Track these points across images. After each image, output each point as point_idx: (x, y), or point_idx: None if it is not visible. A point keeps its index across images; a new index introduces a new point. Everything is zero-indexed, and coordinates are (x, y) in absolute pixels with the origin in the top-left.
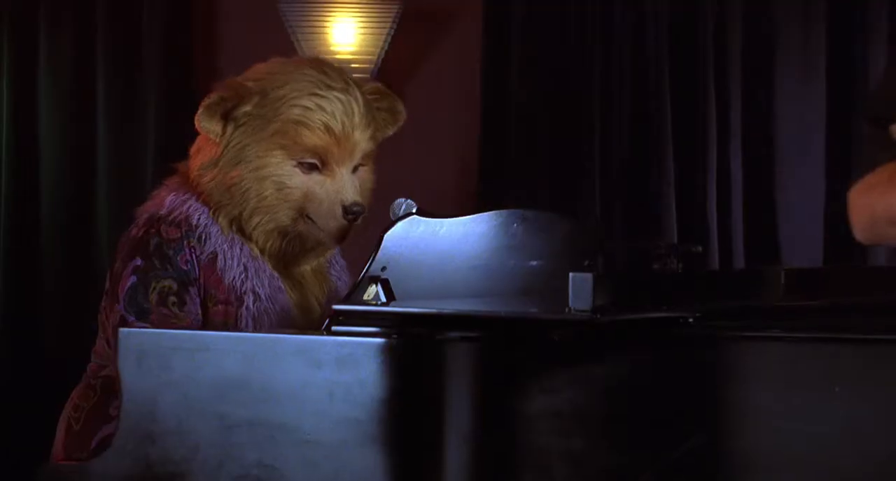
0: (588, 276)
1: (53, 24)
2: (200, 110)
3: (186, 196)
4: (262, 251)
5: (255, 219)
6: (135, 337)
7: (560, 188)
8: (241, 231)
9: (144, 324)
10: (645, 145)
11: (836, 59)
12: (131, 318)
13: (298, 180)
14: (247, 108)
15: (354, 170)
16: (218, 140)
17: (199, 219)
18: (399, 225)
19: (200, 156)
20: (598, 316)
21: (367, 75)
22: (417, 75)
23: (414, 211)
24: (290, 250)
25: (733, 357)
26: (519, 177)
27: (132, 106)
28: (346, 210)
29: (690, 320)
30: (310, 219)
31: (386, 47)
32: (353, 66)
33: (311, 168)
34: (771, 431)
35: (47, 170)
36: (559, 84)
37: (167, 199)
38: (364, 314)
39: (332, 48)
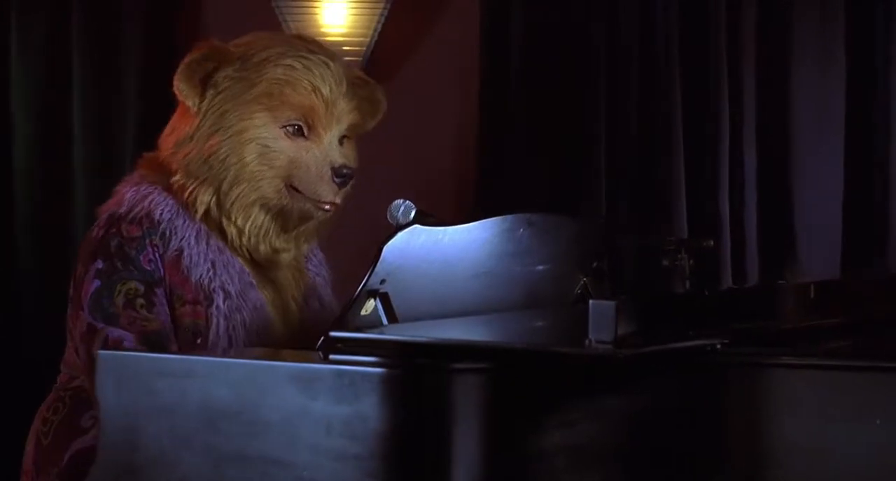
0: (610, 305)
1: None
2: (179, 69)
3: (148, 189)
4: (240, 233)
5: (236, 191)
6: (113, 360)
7: (563, 179)
8: (220, 211)
9: (115, 329)
10: (653, 134)
11: (857, 45)
12: (100, 325)
13: (283, 144)
14: (227, 71)
15: (340, 141)
16: (195, 109)
17: (161, 213)
18: (399, 236)
19: (174, 135)
20: (621, 350)
21: (360, 59)
22: (413, 58)
23: (413, 214)
24: (272, 228)
25: (764, 386)
26: (520, 166)
27: (109, 92)
28: (336, 172)
29: (718, 346)
30: (295, 189)
31: (379, 29)
32: (344, 48)
33: (297, 134)
34: (805, 466)
35: (20, 160)
36: (563, 69)
37: (126, 195)
38: (364, 342)
39: (321, 30)
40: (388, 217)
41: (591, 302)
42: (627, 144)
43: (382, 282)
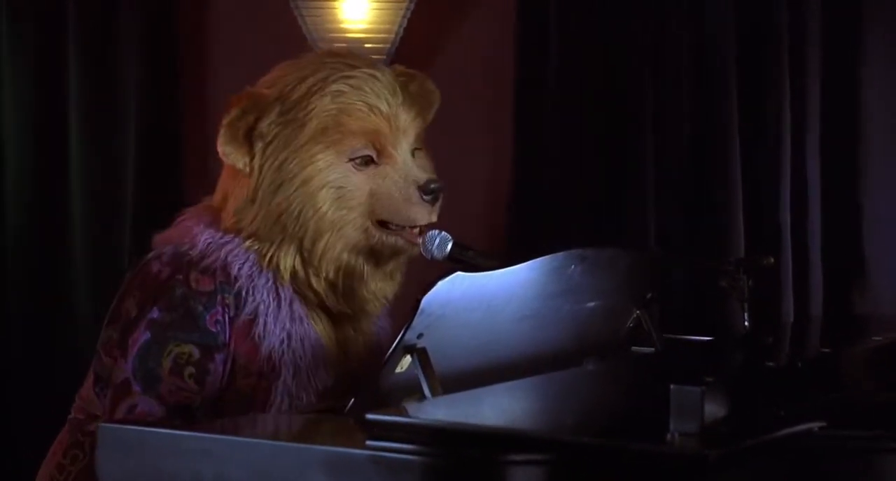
0: (695, 391)
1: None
2: (221, 131)
3: (225, 239)
4: (333, 287)
5: (321, 244)
6: (117, 434)
7: (607, 192)
8: (306, 269)
9: (148, 399)
10: (707, 141)
11: None
12: (136, 387)
13: (356, 180)
14: (271, 118)
15: (412, 154)
16: (247, 169)
17: (239, 269)
18: (440, 286)
19: (232, 201)
20: (711, 451)
21: (383, 57)
22: (441, 57)
23: (449, 248)
24: (366, 270)
25: (877, 475)
26: (559, 176)
27: (109, 99)
28: (423, 189)
29: (815, 429)
30: (383, 224)
31: (404, 24)
32: (366, 46)
33: (367, 163)
34: None
35: (12, 172)
36: (607, 70)
37: (201, 237)
38: (405, 427)
39: (341, 25)
40: (422, 250)
41: (672, 387)
42: (678, 152)
43: (420, 336)
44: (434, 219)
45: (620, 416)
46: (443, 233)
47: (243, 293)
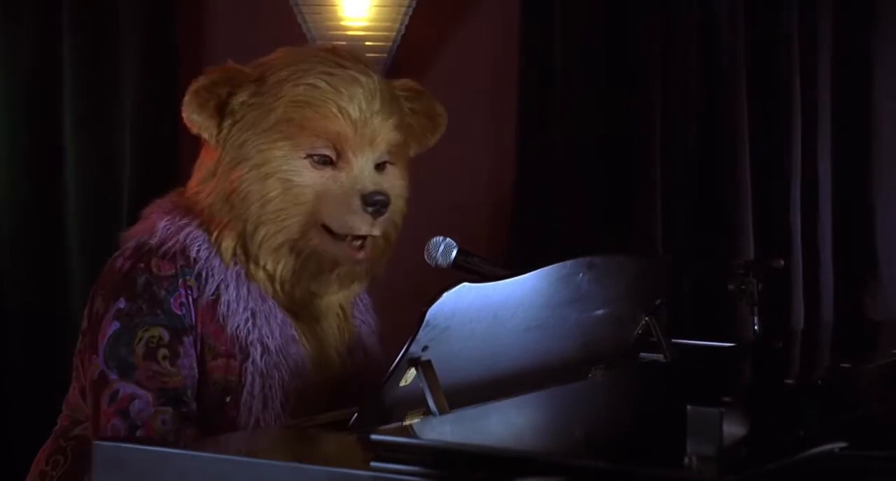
0: (713, 413)
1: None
2: (187, 98)
3: (183, 221)
4: (272, 280)
5: (261, 232)
6: (110, 451)
7: (614, 194)
8: (246, 255)
9: (128, 384)
10: (716, 142)
11: None
12: (112, 376)
13: (309, 177)
14: (243, 96)
15: (381, 167)
16: (214, 141)
17: (198, 251)
18: (445, 297)
19: (199, 171)
20: (729, 476)
21: (384, 55)
22: (443, 56)
23: (454, 254)
24: (305, 273)
25: None
26: (564, 179)
27: (105, 98)
28: (366, 199)
29: (836, 450)
30: (325, 229)
31: (406, 23)
32: (366, 44)
33: (325, 163)
34: None
35: (7, 171)
36: (612, 69)
37: (159, 225)
38: (410, 448)
39: (342, 23)
40: (426, 257)
41: (689, 408)
42: (686, 154)
43: (425, 348)
44: (376, 233)
45: (631, 432)
46: (447, 239)
47: (203, 274)
